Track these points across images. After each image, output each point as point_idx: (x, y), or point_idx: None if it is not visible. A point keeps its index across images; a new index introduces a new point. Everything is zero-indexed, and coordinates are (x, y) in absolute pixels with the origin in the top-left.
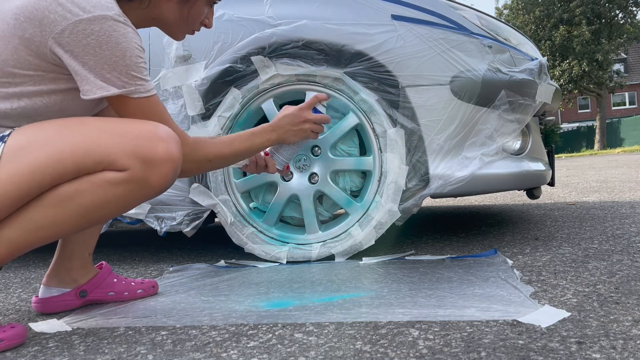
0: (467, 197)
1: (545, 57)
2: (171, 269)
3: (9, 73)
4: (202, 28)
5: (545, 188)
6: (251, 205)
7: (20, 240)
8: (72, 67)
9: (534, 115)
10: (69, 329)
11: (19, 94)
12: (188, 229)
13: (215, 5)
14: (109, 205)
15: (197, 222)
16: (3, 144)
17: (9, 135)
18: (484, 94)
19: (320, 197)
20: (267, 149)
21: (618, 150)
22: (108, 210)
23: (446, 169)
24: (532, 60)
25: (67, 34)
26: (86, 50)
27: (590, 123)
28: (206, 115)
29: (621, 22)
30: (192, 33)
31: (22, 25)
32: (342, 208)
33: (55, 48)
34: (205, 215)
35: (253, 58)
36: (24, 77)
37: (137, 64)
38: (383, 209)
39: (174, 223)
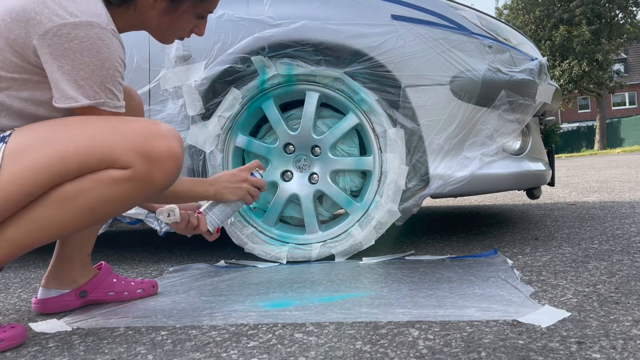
0: (467, 197)
1: (545, 57)
2: (171, 269)
3: None
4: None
5: (545, 188)
6: (251, 205)
7: (23, 240)
8: (49, 69)
9: (534, 115)
10: (69, 329)
11: (7, 106)
12: None
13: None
14: (112, 203)
15: None
16: (4, 144)
17: (9, 135)
18: (484, 94)
19: (320, 197)
20: (201, 209)
21: (618, 150)
22: (111, 207)
23: (446, 169)
24: (532, 60)
25: (50, 36)
26: (66, 54)
27: (590, 123)
28: (206, 115)
29: (621, 22)
30: (182, 39)
31: (9, 26)
32: (342, 208)
33: (38, 48)
34: None
35: (253, 58)
36: (10, 81)
37: (113, 77)
38: (383, 209)
39: None
